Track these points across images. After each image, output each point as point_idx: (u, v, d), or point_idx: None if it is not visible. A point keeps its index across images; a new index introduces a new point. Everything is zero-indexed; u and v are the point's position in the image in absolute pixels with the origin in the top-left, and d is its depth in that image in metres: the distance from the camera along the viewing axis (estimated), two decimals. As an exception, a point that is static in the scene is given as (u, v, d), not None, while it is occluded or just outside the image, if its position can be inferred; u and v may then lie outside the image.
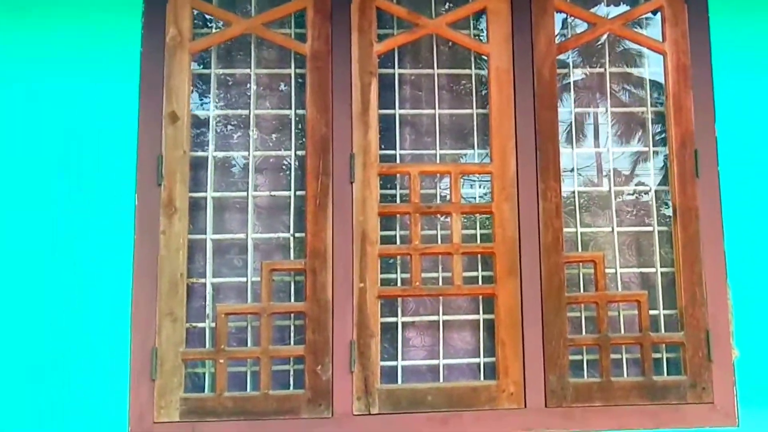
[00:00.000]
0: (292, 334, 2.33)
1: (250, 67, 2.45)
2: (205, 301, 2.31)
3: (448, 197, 2.42)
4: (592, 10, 2.57)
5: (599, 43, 2.64)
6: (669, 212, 2.46)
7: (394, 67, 2.49)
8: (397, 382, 2.32)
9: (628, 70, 2.74)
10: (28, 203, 2.22)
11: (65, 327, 2.17)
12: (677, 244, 2.38)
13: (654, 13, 2.54)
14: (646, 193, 2.55)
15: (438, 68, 2.52)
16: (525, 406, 2.26)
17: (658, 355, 2.39)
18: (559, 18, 2.54)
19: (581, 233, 2.47)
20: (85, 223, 2.21)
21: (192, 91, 2.35)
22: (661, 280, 2.44)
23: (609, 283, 2.43)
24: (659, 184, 2.52)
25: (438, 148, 2.48)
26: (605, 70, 2.58)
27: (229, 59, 2.50)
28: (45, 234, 2.20)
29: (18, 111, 2.26)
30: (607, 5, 2.60)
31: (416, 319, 2.41)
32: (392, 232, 2.41)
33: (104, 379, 2.15)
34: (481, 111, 2.51)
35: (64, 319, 2.17)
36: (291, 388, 2.28)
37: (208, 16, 2.46)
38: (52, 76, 2.27)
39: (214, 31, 2.44)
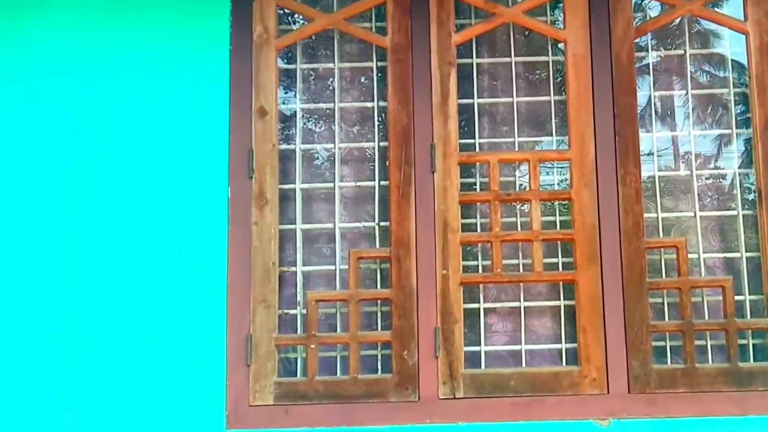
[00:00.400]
0: (379, 320, 2.39)
1: (333, 62, 2.50)
2: (296, 289, 2.38)
3: (526, 185, 2.41)
4: (670, -9, 2.50)
5: (676, 24, 2.57)
6: (752, 196, 2.40)
7: (472, 57, 2.50)
8: (480, 367, 2.35)
9: (708, 51, 2.67)
10: (127, 198, 2.31)
11: (165, 316, 2.27)
12: (763, 228, 2.34)
13: (735, -9, 2.47)
14: (729, 176, 2.50)
15: (515, 56, 2.52)
16: (608, 392, 2.26)
17: (743, 341, 2.35)
18: (636, 1, 2.49)
19: (662, 218, 2.43)
20: (181, 216, 2.30)
21: (278, 87, 2.41)
22: (747, 265, 2.38)
23: (692, 268, 2.38)
24: (742, 167, 2.46)
25: (516, 135, 2.49)
26: (685, 51, 2.53)
27: (313, 54, 2.56)
28: (145, 228, 2.30)
29: (117, 109, 2.36)
30: (685, -14, 2.53)
31: (498, 305, 2.43)
32: (473, 220, 2.43)
33: (202, 365, 2.24)
34: (558, 98, 2.50)
35: (164, 308, 2.27)
36: (379, 372, 2.33)
37: (292, 13, 2.51)
38: (148, 75, 2.36)
39: (298, 27, 2.49)
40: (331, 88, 2.51)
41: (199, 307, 2.26)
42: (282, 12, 2.47)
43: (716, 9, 2.51)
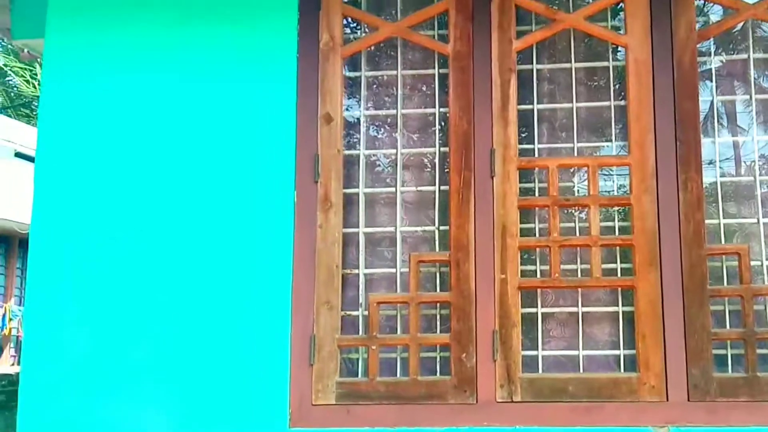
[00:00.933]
0: (438, 323, 2.41)
1: (396, 69, 2.53)
2: (359, 291, 2.42)
3: (585, 190, 2.40)
4: (734, -5, 2.46)
5: (739, 29, 2.53)
6: (821, 203, 2.35)
7: (532, 63, 2.50)
8: (538, 371, 2.36)
9: (770, 55, 2.61)
10: (198, 203, 2.39)
11: (233, 315, 2.33)
12: (827, 237, 2.27)
13: (803, -7, 2.41)
14: (794, 182, 2.45)
15: (575, 62, 2.51)
16: (667, 400, 2.24)
17: (808, 351, 2.29)
18: (699, 6, 2.45)
19: (724, 225, 2.39)
20: (249, 218, 2.37)
21: (344, 93, 2.46)
22: (813, 274, 2.33)
23: (754, 276, 2.34)
24: (809, 173, 2.41)
25: (575, 141, 2.48)
26: (749, 56, 2.48)
27: (377, 62, 2.60)
28: (214, 229, 2.37)
29: (190, 115, 2.44)
30: (749, -11, 2.48)
31: (556, 310, 2.43)
32: (531, 225, 2.44)
33: (267, 364, 2.30)
34: (618, 103, 2.48)
35: (231, 307, 2.33)
36: (438, 374, 2.36)
37: (357, 22, 2.56)
38: (220, 82, 2.43)
39: (362, 35, 2.51)
40: (393, 95, 2.54)
41: (265, 308, 2.32)
42: (347, 21, 2.51)
43: (781, 12, 2.44)
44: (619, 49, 2.47)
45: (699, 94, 2.38)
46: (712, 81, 2.55)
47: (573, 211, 2.45)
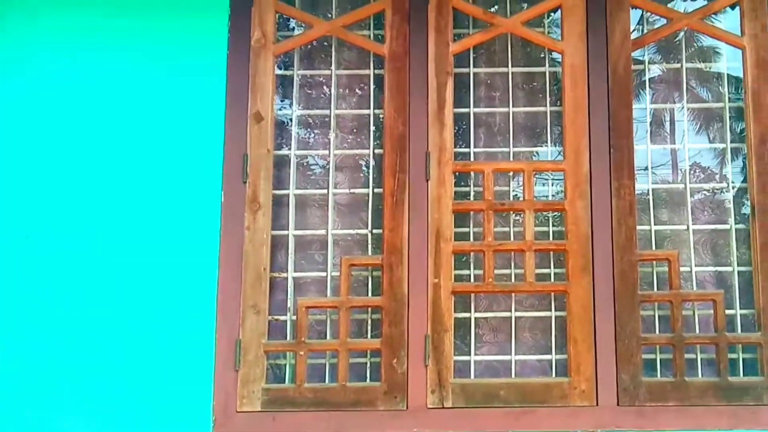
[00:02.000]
0: (369, 328, 2.44)
1: (330, 69, 2.56)
2: (287, 295, 2.44)
3: (521, 195, 2.47)
4: (669, 5, 2.57)
5: (675, 38, 2.64)
6: (747, 210, 2.47)
7: (469, 66, 2.57)
8: (470, 376, 2.41)
9: (706, 65, 2.73)
10: (121, 199, 2.38)
11: (155, 318, 2.31)
12: (755, 243, 2.40)
13: (732, 7, 2.54)
14: (724, 190, 2.56)
15: (512, 66, 2.58)
16: (597, 404, 2.32)
17: (734, 356, 2.41)
18: (635, 14, 2.56)
19: (656, 231, 2.50)
20: (174, 218, 2.35)
21: (275, 92, 2.47)
22: (738, 280, 2.45)
23: (684, 281, 2.44)
24: (738, 182, 2.53)
25: (512, 145, 2.55)
26: (682, 65, 2.59)
27: (311, 61, 2.62)
28: (136, 229, 2.35)
29: (110, 109, 2.42)
30: (684, 0, 2.60)
31: (489, 315, 2.49)
32: (466, 229, 2.49)
33: (191, 369, 2.28)
34: (554, 108, 2.56)
35: (154, 310, 2.32)
36: (368, 380, 2.39)
37: (290, 19, 2.58)
38: (145, 78, 2.42)
39: (296, 33, 2.54)
40: (327, 94, 2.57)
41: (190, 311, 2.31)
42: (281, 18, 2.53)
43: (714, 23, 2.56)
44: (556, 54, 2.52)
45: (633, 101, 2.45)
46: (647, 89, 2.64)
47: (508, 215, 2.50)
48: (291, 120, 2.53)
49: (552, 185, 2.57)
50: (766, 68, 2.44)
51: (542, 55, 2.60)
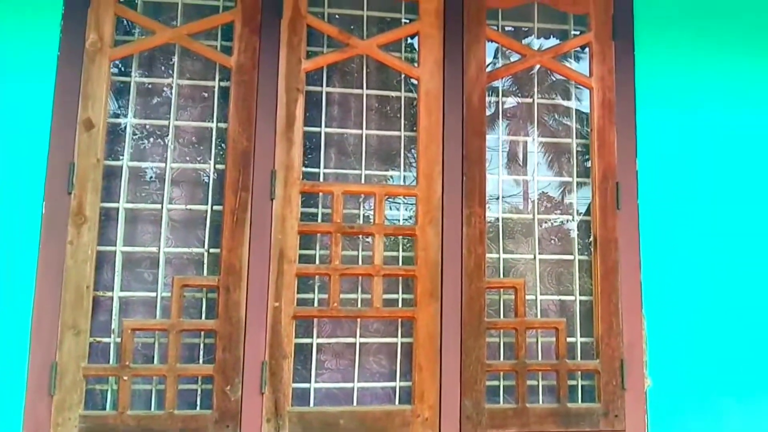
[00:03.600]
0: (201, 353, 2.43)
1: (172, 77, 2.57)
2: (111, 315, 2.38)
3: (371, 218, 2.56)
4: (525, 41, 2.78)
5: (531, 72, 2.85)
6: (589, 241, 2.66)
7: (322, 85, 2.65)
8: (309, 404, 2.44)
9: (557, 101, 2.97)
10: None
11: (-41, 337, 2.20)
12: (596, 274, 2.59)
13: (583, 48, 2.78)
14: (570, 221, 2.76)
15: (367, 89, 2.69)
16: (439, 431, 2.39)
17: (573, 382, 2.57)
18: (492, 47, 2.75)
19: (504, 259, 2.64)
20: (-12, 229, 2.26)
21: (110, 99, 2.46)
22: (580, 308, 2.63)
23: (529, 309, 2.60)
24: (582, 214, 2.73)
25: (363, 168, 2.64)
26: (533, 100, 2.79)
27: (151, 68, 2.62)
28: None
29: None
30: (539, 38, 2.82)
31: (332, 340, 2.54)
32: (312, 252, 2.55)
33: (-1, 393, 2.18)
34: (408, 133, 2.69)
35: (-42, 329, 2.21)
36: (198, 408, 2.36)
37: (131, 23, 2.57)
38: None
39: (136, 38, 2.53)
40: (167, 104, 2.56)
41: (0, 329, 2.21)
42: (120, 21, 2.53)
43: (568, 62, 2.79)
44: (412, 80, 2.65)
45: (488, 131, 2.61)
46: (500, 120, 2.82)
47: (357, 239, 2.57)
48: (125, 129, 2.50)
49: (404, 210, 2.67)
50: (611, 109, 2.68)
51: (399, 79, 2.71)
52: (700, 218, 2.63)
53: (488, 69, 2.66)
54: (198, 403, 2.37)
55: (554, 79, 2.98)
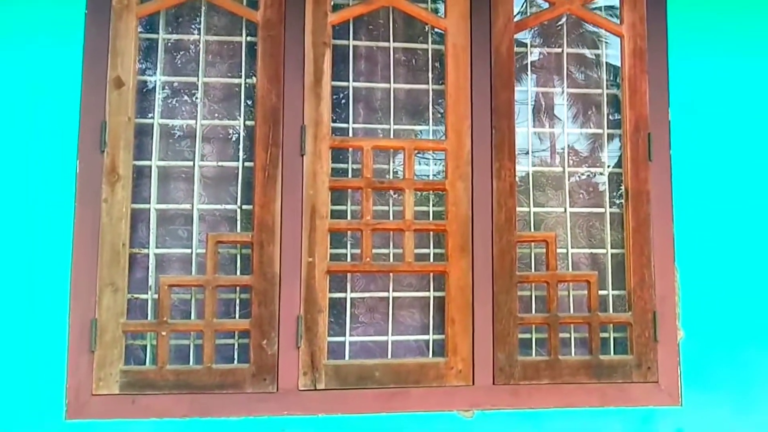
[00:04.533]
0: (237, 308, 2.46)
1: (199, 34, 2.56)
2: (148, 272, 2.41)
3: (401, 173, 2.56)
4: (551, -11, 2.74)
5: (559, 23, 2.81)
6: (621, 194, 2.65)
7: (348, 39, 2.63)
8: (344, 358, 2.47)
9: (587, 51, 2.91)
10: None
11: (4, 297, 2.26)
12: (628, 227, 2.59)
13: (613, -6, 2.73)
14: (601, 174, 2.74)
15: (394, 41, 2.67)
16: (473, 384, 2.43)
17: (605, 335, 2.59)
18: (520, -4, 2.70)
19: (534, 213, 2.64)
20: (24, 189, 2.30)
21: (138, 57, 2.45)
22: (611, 261, 2.63)
23: (560, 263, 2.60)
24: (614, 167, 2.72)
25: (392, 123, 2.63)
26: (563, 50, 2.75)
27: (178, 25, 2.61)
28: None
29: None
30: (566, -14, 2.77)
31: (365, 295, 2.56)
32: (343, 207, 2.55)
33: (41, 350, 2.24)
34: (436, 87, 2.66)
35: (2, 288, 2.26)
36: (235, 362, 2.40)
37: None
38: (-10, 37, 2.34)
39: (163, -6, 2.52)
40: (195, 61, 2.56)
41: (40, 288, 2.26)
42: (146, -23, 2.50)
43: (596, 11, 2.74)
44: (440, 31, 2.62)
45: (515, 83, 2.58)
46: (529, 72, 2.79)
47: (387, 194, 2.58)
48: (155, 86, 2.51)
49: (433, 164, 2.66)
50: (643, 57, 2.63)
51: (426, 32, 2.68)
52: (733, 170, 2.60)
53: (516, 19, 2.60)
54: (235, 357, 2.40)
55: (584, 28, 2.92)
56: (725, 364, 2.53)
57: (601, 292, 2.57)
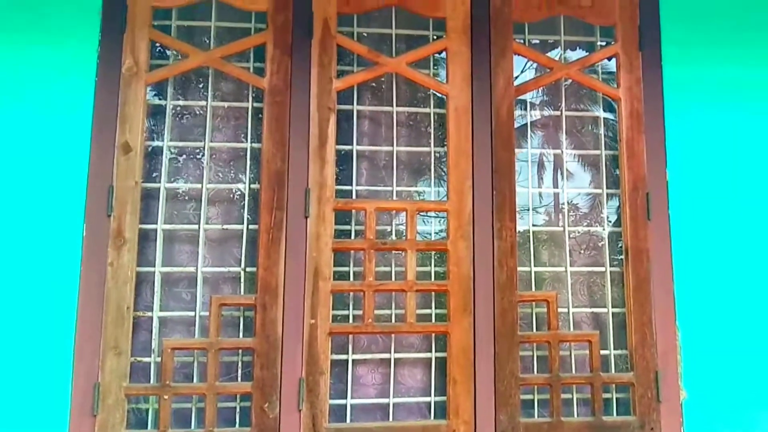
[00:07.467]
0: (239, 371, 2.41)
1: (206, 100, 2.57)
2: (152, 335, 2.38)
3: (403, 233, 2.53)
4: (552, 53, 2.74)
5: (562, 86, 2.81)
6: (620, 253, 2.61)
7: (353, 104, 2.63)
8: (345, 420, 2.41)
9: (586, 113, 2.91)
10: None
11: (8, 358, 2.22)
12: (628, 285, 2.54)
13: (609, 59, 2.73)
14: (600, 233, 2.71)
15: (397, 106, 2.66)
16: (475, 446, 2.35)
17: (608, 395, 2.52)
18: (520, 60, 2.70)
19: (535, 272, 2.60)
20: (31, 252, 2.28)
21: (146, 122, 2.45)
22: (612, 321, 2.57)
23: (561, 322, 2.55)
24: (613, 225, 2.68)
25: (395, 184, 2.61)
26: (561, 112, 2.74)
27: (186, 91, 2.62)
28: (-9, 260, 2.25)
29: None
30: (565, 50, 2.77)
31: (367, 356, 2.51)
32: (346, 268, 2.52)
33: (44, 413, 2.20)
34: (438, 149, 2.65)
35: (7, 350, 2.22)
36: (237, 425, 2.35)
37: (165, 47, 2.56)
38: (5, 100, 2.36)
39: (171, 62, 2.53)
40: (202, 126, 2.56)
41: (45, 350, 2.23)
42: (154, 45, 2.53)
43: (593, 76, 2.74)
44: (442, 95, 2.62)
45: (515, 145, 2.57)
46: (528, 133, 2.79)
47: (389, 254, 2.54)
48: (162, 151, 2.50)
49: (435, 225, 2.64)
50: (640, 119, 2.62)
51: (428, 96, 2.69)
52: (732, 228, 2.56)
53: (516, 82, 2.60)
54: (237, 420, 2.35)
55: (582, 91, 2.92)
56: (729, 424, 2.45)
57: (602, 352, 2.52)
